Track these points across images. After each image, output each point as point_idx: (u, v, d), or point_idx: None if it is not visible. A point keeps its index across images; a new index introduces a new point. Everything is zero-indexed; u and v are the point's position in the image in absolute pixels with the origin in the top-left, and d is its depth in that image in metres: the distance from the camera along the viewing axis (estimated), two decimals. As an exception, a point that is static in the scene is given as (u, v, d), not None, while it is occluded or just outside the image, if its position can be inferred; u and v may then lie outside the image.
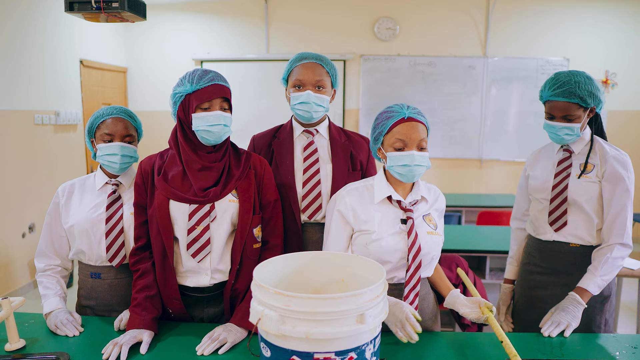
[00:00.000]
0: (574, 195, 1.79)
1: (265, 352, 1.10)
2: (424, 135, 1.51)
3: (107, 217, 1.70)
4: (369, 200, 1.59)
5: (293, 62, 1.84)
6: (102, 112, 1.76)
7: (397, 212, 1.56)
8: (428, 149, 1.54)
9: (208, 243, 1.55)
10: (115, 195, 1.74)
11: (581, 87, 1.71)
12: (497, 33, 5.56)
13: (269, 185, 1.68)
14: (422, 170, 1.52)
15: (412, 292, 1.52)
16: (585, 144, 1.82)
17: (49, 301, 1.67)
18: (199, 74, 1.54)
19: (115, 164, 1.71)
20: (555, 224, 1.83)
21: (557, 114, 1.77)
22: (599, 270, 1.68)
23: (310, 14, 5.64)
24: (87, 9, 1.95)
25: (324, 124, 1.92)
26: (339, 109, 5.72)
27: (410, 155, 1.49)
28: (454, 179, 5.80)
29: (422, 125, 1.52)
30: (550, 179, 1.86)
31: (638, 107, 5.60)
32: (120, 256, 1.70)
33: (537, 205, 1.91)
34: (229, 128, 1.58)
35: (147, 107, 5.87)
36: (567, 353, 1.45)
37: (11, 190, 4.03)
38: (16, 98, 4.11)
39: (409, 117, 1.50)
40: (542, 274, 1.88)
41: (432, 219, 1.60)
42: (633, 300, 3.75)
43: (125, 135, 1.73)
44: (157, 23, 5.72)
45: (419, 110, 1.54)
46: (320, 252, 1.36)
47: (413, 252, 1.50)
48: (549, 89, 1.78)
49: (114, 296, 1.74)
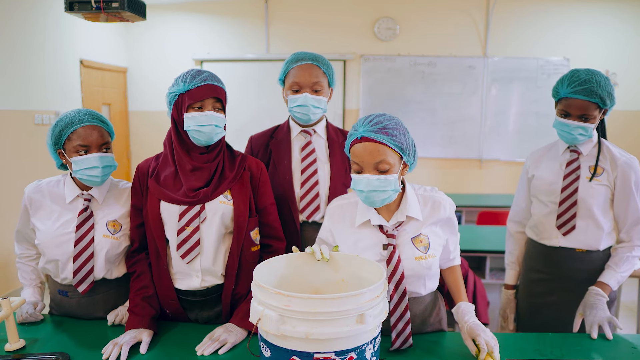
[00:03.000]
0: (584, 198, 1.74)
1: (265, 352, 1.10)
2: (384, 157, 1.33)
3: (76, 238, 1.55)
4: (350, 222, 1.47)
5: (289, 64, 1.83)
6: (70, 120, 1.53)
7: (379, 237, 1.42)
8: (401, 167, 1.37)
9: (197, 244, 1.54)
10: (86, 213, 1.58)
11: (602, 87, 1.67)
12: (497, 33, 5.55)
13: (265, 189, 1.65)
14: (384, 196, 1.35)
15: (401, 321, 1.39)
16: (594, 145, 1.78)
17: (23, 292, 1.70)
18: (192, 73, 1.52)
19: (97, 177, 1.55)
20: (563, 227, 1.78)
21: (574, 112, 1.70)
22: (620, 267, 1.70)
23: (310, 14, 5.64)
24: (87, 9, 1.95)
25: (322, 124, 1.92)
26: (339, 109, 5.71)
27: (365, 181, 1.34)
28: (454, 179, 5.80)
29: (380, 145, 1.32)
30: (558, 181, 1.80)
31: (638, 107, 5.60)
32: (87, 282, 1.57)
33: (541, 208, 1.85)
34: (222, 129, 1.55)
35: (147, 107, 5.87)
36: (567, 353, 1.44)
37: (11, 190, 4.03)
38: (16, 98, 4.10)
39: (362, 137, 1.34)
40: (546, 281, 1.85)
41: (423, 239, 1.44)
42: (633, 300, 3.75)
43: (102, 144, 1.57)
44: (157, 23, 5.71)
45: (383, 125, 1.33)
46: (320, 252, 1.35)
47: (394, 281, 1.37)
48: (568, 86, 1.71)
49: (83, 313, 1.65)
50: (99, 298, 1.65)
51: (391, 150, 1.34)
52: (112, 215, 1.63)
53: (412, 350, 1.44)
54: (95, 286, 1.63)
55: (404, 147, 1.36)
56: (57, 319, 1.67)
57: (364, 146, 1.34)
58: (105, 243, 1.59)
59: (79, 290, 1.60)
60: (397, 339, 1.41)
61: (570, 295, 1.75)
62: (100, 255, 1.59)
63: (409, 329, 1.41)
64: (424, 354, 1.43)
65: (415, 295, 1.49)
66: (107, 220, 1.62)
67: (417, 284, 1.45)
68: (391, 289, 1.39)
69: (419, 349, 1.45)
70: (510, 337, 1.58)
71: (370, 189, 1.34)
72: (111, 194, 1.67)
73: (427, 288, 1.49)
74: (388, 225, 1.43)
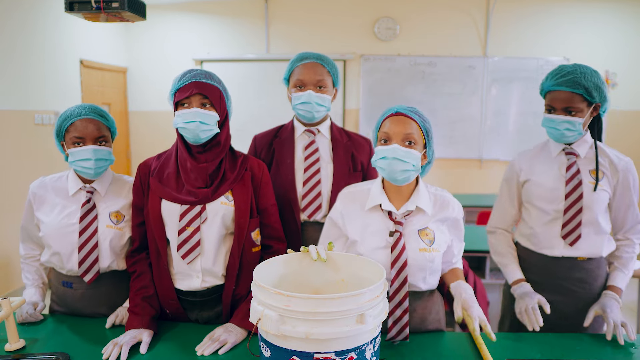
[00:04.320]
0: (589, 205, 1.66)
1: (265, 352, 1.10)
2: (412, 131, 1.42)
3: (81, 229, 1.59)
4: (361, 206, 1.52)
5: (294, 62, 1.84)
6: (70, 113, 1.60)
7: (387, 223, 1.48)
8: (422, 154, 1.45)
9: (198, 244, 1.55)
10: (89, 204, 1.62)
11: (587, 78, 1.59)
12: (497, 33, 5.55)
13: (267, 190, 1.66)
14: (406, 168, 1.41)
15: (399, 308, 1.42)
16: (590, 146, 1.70)
17: (25, 292, 1.71)
18: (185, 71, 1.55)
19: (90, 169, 1.59)
20: (569, 237, 1.68)
21: (558, 106, 1.63)
22: (628, 268, 1.70)
23: (310, 14, 5.64)
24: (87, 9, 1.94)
25: (326, 124, 1.92)
26: (339, 109, 5.71)
27: (391, 148, 1.41)
28: (454, 179, 5.80)
29: (411, 120, 1.43)
30: (560, 187, 1.69)
31: (638, 107, 5.60)
32: (92, 272, 1.61)
33: (541, 216, 1.73)
34: (210, 126, 1.52)
35: (147, 107, 5.87)
36: (567, 353, 1.45)
37: (11, 190, 4.03)
38: (16, 98, 4.10)
39: (397, 112, 1.45)
40: (543, 292, 1.72)
41: (429, 233, 1.48)
42: (633, 300, 3.75)
43: (97, 137, 1.60)
44: (157, 23, 5.71)
45: (415, 110, 1.47)
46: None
47: (396, 268, 1.41)
48: (551, 79, 1.65)
49: (86, 306, 1.67)
50: (103, 291, 1.67)
51: (419, 130, 1.44)
52: (115, 207, 1.67)
53: (411, 350, 1.44)
54: (101, 279, 1.65)
55: (429, 135, 1.47)
56: (57, 319, 1.67)
57: (398, 118, 1.44)
58: (108, 233, 1.63)
59: (85, 280, 1.62)
60: (393, 326, 1.42)
61: (570, 307, 1.71)
62: (105, 245, 1.62)
63: (406, 318, 1.42)
64: (423, 353, 1.43)
65: (414, 289, 1.49)
66: (109, 211, 1.65)
67: (418, 276, 1.47)
68: (392, 275, 1.42)
69: (418, 348, 1.45)
70: (510, 337, 1.58)
71: (394, 156, 1.40)
72: (113, 187, 1.70)
73: (427, 283, 1.50)
74: (397, 212, 1.48)
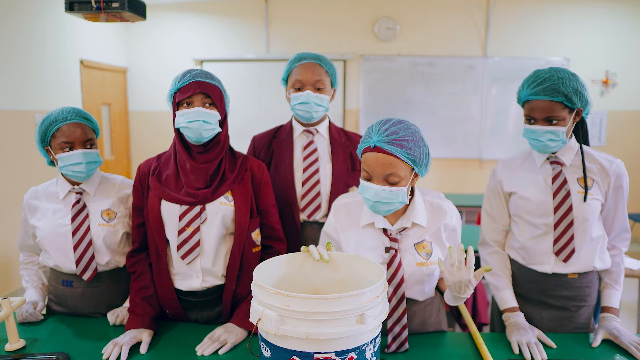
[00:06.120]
0: (579, 216, 1.54)
1: (265, 352, 1.10)
2: (395, 169, 1.29)
3: (73, 229, 1.62)
4: (355, 221, 1.46)
5: (292, 63, 1.85)
6: (54, 118, 1.60)
7: (383, 239, 1.42)
8: (412, 178, 1.34)
9: (198, 245, 1.55)
10: (79, 205, 1.65)
11: (565, 83, 1.49)
12: (497, 33, 5.56)
13: (267, 190, 1.66)
14: (390, 208, 1.34)
15: (398, 324, 1.40)
16: (575, 153, 1.59)
17: (25, 293, 1.73)
18: (185, 71, 1.55)
19: (82, 173, 1.62)
20: (562, 253, 1.56)
21: (538, 116, 1.54)
22: (619, 284, 1.59)
23: (310, 14, 5.64)
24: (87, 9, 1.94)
25: (324, 124, 1.92)
26: (339, 109, 5.71)
27: (373, 190, 1.31)
28: (454, 179, 5.80)
29: (393, 158, 1.29)
30: (547, 200, 1.57)
31: (638, 107, 5.59)
32: (90, 270, 1.64)
33: (530, 230, 1.62)
34: (213, 125, 1.53)
35: (147, 107, 5.87)
36: (567, 353, 1.44)
37: (11, 190, 4.03)
38: (16, 98, 4.10)
39: (375, 147, 1.30)
40: (527, 305, 1.65)
41: (427, 245, 1.42)
42: (633, 300, 3.75)
43: (85, 141, 1.62)
44: (157, 23, 5.71)
45: (398, 136, 1.29)
46: (320, 252, 1.35)
47: (393, 284, 1.37)
48: (528, 87, 1.56)
49: (87, 305, 1.69)
50: (103, 289, 1.69)
51: (403, 163, 1.30)
52: (105, 205, 1.69)
53: (412, 350, 1.44)
54: (100, 277, 1.68)
55: (417, 160, 1.31)
56: (57, 318, 1.67)
57: (376, 156, 1.30)
58: (101, 231, 1.65)
59: (84, 279, 1.64)
60: (392, 342, 1.42)
61: (554, 323, 1.63)
62: (99, 243, 1.64)
63: (406, 334, 1.41)
64: (423, 354, 1.43)
65: (413, 299, 1.49)
66: (100, 209, 1.68)
67: (415, 289, 1.45)
68: (390, 292, 1.39)
69: (418, 349, 1.45)
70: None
71: (377, 200, 1.32)
72: (102, 187, 1.73)
73: (426, 294, 1.49)
74: (392, 229, 1.42)
